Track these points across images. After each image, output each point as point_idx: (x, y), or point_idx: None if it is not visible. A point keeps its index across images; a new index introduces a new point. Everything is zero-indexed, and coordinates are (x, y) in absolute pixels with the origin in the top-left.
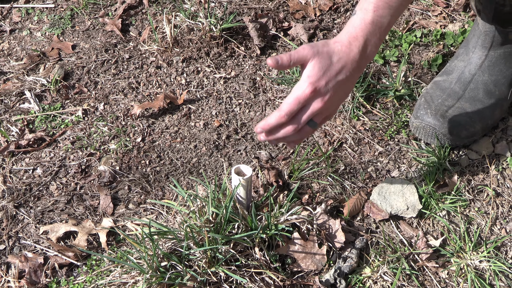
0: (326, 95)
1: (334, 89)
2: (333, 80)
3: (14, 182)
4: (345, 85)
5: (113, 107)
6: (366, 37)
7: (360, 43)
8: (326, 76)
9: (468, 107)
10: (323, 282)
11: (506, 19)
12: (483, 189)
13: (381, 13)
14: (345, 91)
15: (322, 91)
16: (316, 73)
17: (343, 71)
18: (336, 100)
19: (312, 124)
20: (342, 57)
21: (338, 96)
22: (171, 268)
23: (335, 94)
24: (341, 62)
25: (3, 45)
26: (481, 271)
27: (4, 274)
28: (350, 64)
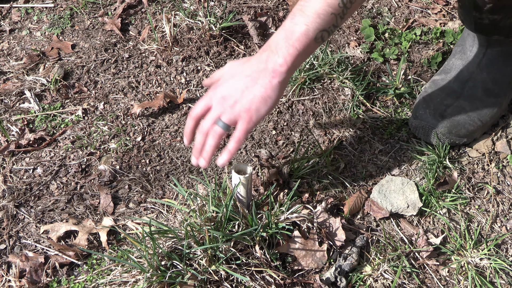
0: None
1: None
2: (227, 82)
3: (14, 181)
4: (249, 85)
5: (113, 106)
6: (276, 42)
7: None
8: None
9: (467, 106)
10: (324, 280)
11: (488, 30)
12: (484, 187)
13: (295, 20)
14: (254, 93)
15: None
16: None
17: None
18: (242, 101)
19: (220, 123)
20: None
21: (244, 97)
22: (171, 267)
23: (236, 94)
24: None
25: (2, 45)
26: (482, 269)
27: (5, 273)
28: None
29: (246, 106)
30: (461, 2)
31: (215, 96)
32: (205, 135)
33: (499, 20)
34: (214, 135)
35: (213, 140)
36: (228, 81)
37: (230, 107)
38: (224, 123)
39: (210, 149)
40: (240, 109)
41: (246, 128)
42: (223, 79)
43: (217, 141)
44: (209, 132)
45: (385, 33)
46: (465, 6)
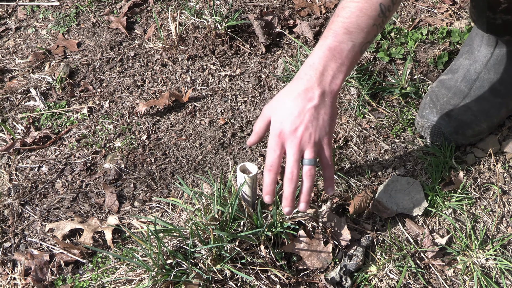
0: (297, 131)
1: (305, 121)
2: (299, 116)
3: (19, 179)
4: (319, 112)
5: (119, 105)
6: (323, 63)
7: (317, 69)
8: (289, 117)
9: (474, 106)
10: (329, 280)
11: (499, 30)
12: (490, 187)
13: (340, 39)
14: (323, 118)
15: (290, 130)
16: (275, 123)
17: (307, 102)
18: (317, 129)
19: (306, 161)
20: (300, 92)
21: (318, 125)
22: (176, 265)
23: (311, 125)
24: (300, 97)
25: (8, 43)
26: (488, 269)
27: (10, 271)
28: (311, 91)
29: (322, 134)
30: (474, 2)
31: (284, 135)
32: (294, 181)
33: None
34: (309, 175)
35: (310, 181)
36: (289, 117)
37: (308, 141)
38: (312, 159)
39: (309, 190)
40: (319, 138)
41: (331, 152)
42: (279, 116)
43: (313, 180)
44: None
45: (391, 32)
46: (479, 6)
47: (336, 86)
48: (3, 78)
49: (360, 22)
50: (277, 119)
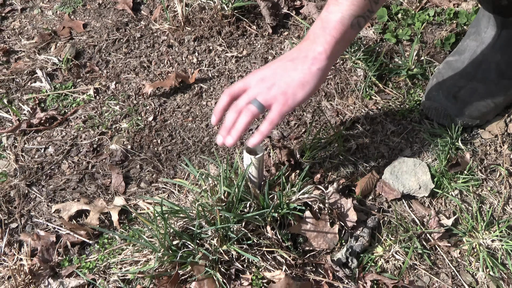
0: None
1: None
2: (267, 68)
3: (26, 160)
4: (289, 69)
5: (125, 86)
6: (314, 32)
7: (309, 37)
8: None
9: (481, 88)
10: (335, 261)
11: (506, 11)
12: (496, 169)
13: (330, 9)
14: (292, 77)
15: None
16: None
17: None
18: (280, 84)
19: (254, 102)
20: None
21: (282, 80)
22: (183, 246)
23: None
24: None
25: (14, 24)
26: (493, 250)
27: (17, 252)
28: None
29: (282, 89)
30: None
31: (254, 77)
32: (237, 113)
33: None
34: (248, 113)
35: (246, 118)
36: (268, 66)
37: (267, 88)
38: (260, 103)
39: (241, 127)
40: (277, 91)
41: (280, 110)
42: (264, 66)
43: (250, 120)
44: (242, 111)
45: (398, 13)
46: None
47: (320, 55)
48: (9, 59)
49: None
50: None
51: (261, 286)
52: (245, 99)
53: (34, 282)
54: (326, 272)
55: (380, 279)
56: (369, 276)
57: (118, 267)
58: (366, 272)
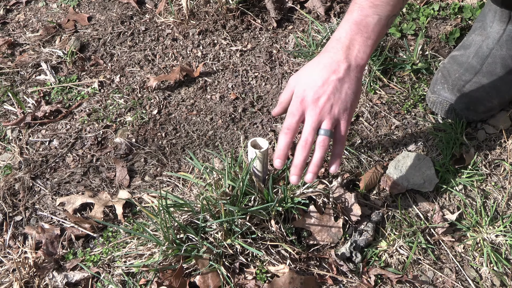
0: (319, 101)
1: (327, 93)
2: (322, 86)
3: (30, 153)
4: (343, 86)
5: (129, 79)
6: (350, 37)
7: (344, 43)
8: (313, 86)
9: (486, 82)
10: (339, 255)
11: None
12: (500, 164)
13: (365, 13)
14: (346, 92)
15: (312, 99)
16: (300, 89)
17: (332, 75)
18: (338, 103)
19: (322, 131)
20: (326, 63)
21: (340, 98)
22: (187, 240)
23: (333, 97)
24: (326, 68)
25: (19, 17)
26: (497, 246)
27: (21, 245)
28: (337, 65)
29: (343, 107)
30: None
31: (306, 103)
32: (307, 149)
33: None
34: (322, 147)
35: (322, 152)
36: (313, 87)
37: (327, 111)
38: (328, 131)
39: (320, 161)
40: (339, 111)
41: (347, 128)
42: (303, 85)
43: (325, 151)
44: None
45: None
46: None
47: (363, 60)
48: (14, 51)
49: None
50: (301, 87)
51: (265, 280)
52: (310, 131)
53: (39, 275)
54: (330, 267)
55: (384, 273)
56: (373, 270)
57: (122, 260)
58: (370, 266)
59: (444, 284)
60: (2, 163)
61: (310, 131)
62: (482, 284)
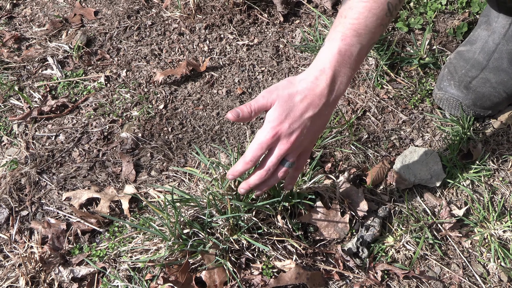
0: (291, 136)
1: (301, 128)
2: (298, 120)
3: (36, 148)
4: (316, 121)
5: (136, 74)
6: (334, 69)
7: (328, 75)
8: (289, 118)
9: (492, 78)
10: (346, 250)
11: (510, 12)
12: (508, 159)
13: (349, 42)
14: (318, 126)
15: (286, 133)
16: (277, 117)
17: (310, 109)
18: (308, 136)
19: (286, 164)
20: (307, 95)
21: (311, 132)
22: (193, 235)
23: (305, 132)
24: (306, 100)
25: (25, 11)
26: (505, 241)
27: (27, 239)
28: (318, 99)
29: (312, 140)
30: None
31: (279, 136)
32: (266, 177)
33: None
34: (283, 174)
35: (280, 178)
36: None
37: (297, 147)
38: (292, 163)
39: (273, 184)
40: (308, 145)
41: (307, 158)
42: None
43: (283, 178)
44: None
45: (410, 2)
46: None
47: (343, 91)
48: (20, 46)
49: (369, 23)
50: (278, 115)
51: (272, 275)
52: (275, 163)
53: (45, 269)
54: (337, 262)
55: (390, 269)
56: (380, 266)
57: (128, 255)
58: (377, 262)
59: (451, 280)
60: (8, 157)
61: (275, 162)
62: (489, 280)
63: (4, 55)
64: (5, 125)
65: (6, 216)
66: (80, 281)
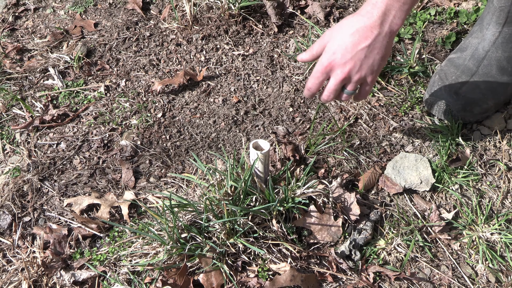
0: (345, 67)
1: (354, 60)
2: (350, 52)
3: (38, 156)
4: (371, 53)
5: (134, 84)
6: (386, 2)
7: (380, 9)
8: (341, 50)
9: (482, 84)
10: (339, 253)
11: None
12: (495, 164)
13: None
14: (375, 59)
15: (339, 63)
16: (330, 49)
17: (362, 41)
18: (365, 68)
19: (345, 91)
20: (359, 28)
21: (367, 65)
22: (191, 239)
23: (360, 64)
24: (358, 33)
25: (27, 23)
26: (493, 243)
27: (30, 244)
28: (370, 31)
29: (369, 73)
30: None
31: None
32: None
33: None
34: (344, 99)
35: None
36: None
37: (353, 77)
38: (352, 92)
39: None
40: (365, 75)
41: (371, 88)
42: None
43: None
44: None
45: None
46: None
47: (397, 26)
48: (22, 57)
49: None
50: (331, 48)
51: (267, 278)
52: (332, 91)
53: (47, 274)
54: (330, 264)
55: (382, 271)
56: (372, 268)
57: (128, 259)
58: (369, 264)
59: (441, 281)
60: (11, 165)
61: (333, 88)
62: (477, 281)
63: (7, 66)
64: (8, 134)
65: (9, 222)
66: (82, 285)
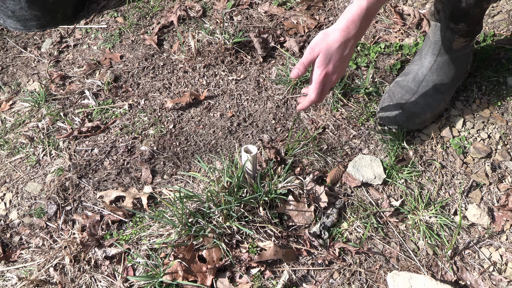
0: (334, 74)
1: (340, 66)
2: (338, 62)
3: (77, 159)
4: (347, 58)
5: (151, 102)
6: (360, 20)
7: (356, 24)
8: (332, 61)
9: (421, 101)
10: (311, 233)
11: (459, 15)
12: (432, 163)
13: (372, 1)
14: (348, 60)
15: (331, 72)
16: (323, 62)
17: (345, 51)
18: (342, 70)
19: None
20: (342, 41)
21: (344, 66)
22: (196, 223)
23: (341, 67)
24: (342, 46)
25: (68, 56)
26: (431, 225)
27: (71, 228)
28: (350, 42)
29: (340, 73)
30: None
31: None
32: (324, 95)
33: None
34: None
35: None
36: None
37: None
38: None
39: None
40: (337, 76)
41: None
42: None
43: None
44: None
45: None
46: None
47: (361, 36)
48: (64, 82)
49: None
50: (324, 61)
51: (256, 253)
52: (329, 89)
53: (84, 250)
54: (305, 242)
55: (345, 247)
56: (337, 244)
57: (147, 239)
58: (335, 241)
59: (391, 254)
60: (56, 166)
61: (328, 91)
62: (419, 254)
63: (53, 90)
64: (53, 142)
65: (54, 210)
66: (111, 259)
